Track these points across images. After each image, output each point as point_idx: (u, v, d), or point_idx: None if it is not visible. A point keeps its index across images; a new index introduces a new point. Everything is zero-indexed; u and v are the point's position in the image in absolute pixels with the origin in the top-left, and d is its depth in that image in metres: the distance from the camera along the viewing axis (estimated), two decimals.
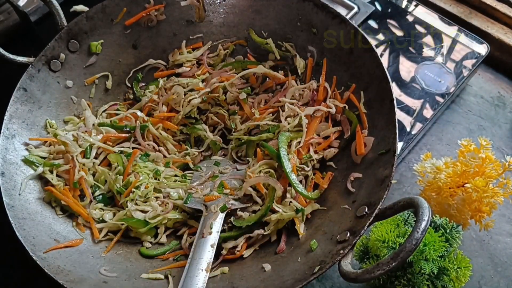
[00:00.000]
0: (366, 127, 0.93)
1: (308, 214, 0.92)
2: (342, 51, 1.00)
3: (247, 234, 0.92)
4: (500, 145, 1.20)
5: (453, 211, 0.96)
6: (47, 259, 0.83)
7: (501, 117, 1.25)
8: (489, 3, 1.32)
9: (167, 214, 0.94)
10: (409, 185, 1.14)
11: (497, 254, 1.05)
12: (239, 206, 0.94)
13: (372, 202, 0.81)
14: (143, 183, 0.95)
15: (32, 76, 0.99)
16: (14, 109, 0.96)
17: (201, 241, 0.88)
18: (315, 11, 1.02)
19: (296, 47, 1.08)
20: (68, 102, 1.05)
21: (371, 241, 0.89)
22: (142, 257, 0.93)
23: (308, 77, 1.06)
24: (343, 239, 0.79)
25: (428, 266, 0.83)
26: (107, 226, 0.94)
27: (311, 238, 0.86)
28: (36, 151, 0.97)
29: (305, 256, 0.83)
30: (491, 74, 1.32)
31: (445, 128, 1.23)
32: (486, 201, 0.92)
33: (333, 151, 0.97)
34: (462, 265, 0.86)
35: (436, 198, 0.98)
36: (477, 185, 0.90)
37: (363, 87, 0.96)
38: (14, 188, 0.89)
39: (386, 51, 1.28)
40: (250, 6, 1.07)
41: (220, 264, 0.91)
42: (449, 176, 0.95)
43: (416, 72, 1.23)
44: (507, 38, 1.29)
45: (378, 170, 0.85)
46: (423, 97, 1.18)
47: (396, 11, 1.34)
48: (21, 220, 0.86)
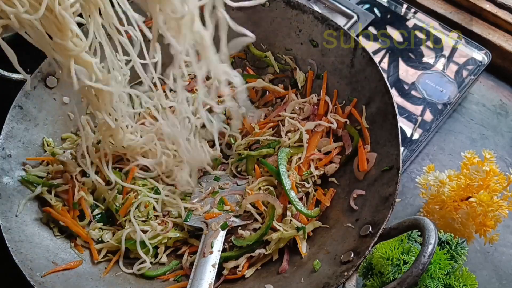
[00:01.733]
0: (368, 142, 0.91)
1: (310, 232, 0.91)
2: (343, 64, 0.99)
3: (248, 254, 0.90)
4: (503, 154, 1.18)
5: (457, 225, 0.94)
6: (45, 283, 0.81)
7: (504, 125, 1.23)
8: (490, 10, 1.31)
9: (167, 233, 0.92)
10: (412, 197, 1.13)
11: (502, 267, 1.04)
12: (240, 223, 0.93)
13: (376, 221, 0.79)
14: (142, 201, 0.93)
15: (28, 93, 0.98)
16: (9, 128, 0.94)
17: (202, 260, 0.87)
18: (315, 23, 1.01)
19: (296, 60, 1.07)
20: (65, 119, 1.04)
21: (375, 258, 0.87)
22: (142, 278, 0.91)
23: (308, 90, 1.05)
24: (347, 260, 0.78)
25: (434, 284, 0.82)
26: (106, 246, 0.92)
27: (314, 257, 0.85)
28: (34, 170, 0.95)
29: (308, 277, 0.81)
30: (492, 82, 1.31)
31: (447, 137, 1.22)
32: (491, 215, 0.91)
33: (334, 167, 0.95)
34: (468, 282, 0.84)
35: (439, 211, 0.97)
36: (482, 200, 0.89)
37: (365, 102, 0.94)
38: (10, 210, 0.88)
39: (386, 59, 1.27)
40: (248, 19, 1.05)
41: (221, 284, 0.89)
42: (453, 190, 0.93)
43: (417, 81, 1.21)
44: (508, 45, 1.27)
45: (382, 187, 0.84)
46: (425, 106, 1.17)
47: (396, 18, 1.33)
48: (18, 243, 0.84)
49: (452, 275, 0.85)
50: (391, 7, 1.36)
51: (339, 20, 1.26)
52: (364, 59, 0.95)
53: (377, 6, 1.36)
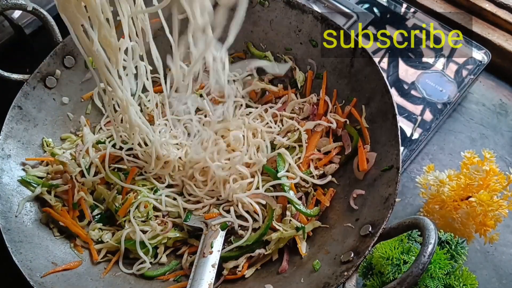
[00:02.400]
0: (368, 142, 0.91)
1: (310, 232, 0.90)
2: (342, 64, 0.99)
3: (248, 254, 0.90)
4: (502, 154, 1.18)
5: (457, 225, 0.94)
6: (45, 283, 0.81)
7: (503, 125, 1.23)
8: (489, 9, 1.31)
9: (166, 234, 0.92)
10: (412, 196, 1.12)
11: (502, 266, 1.04)
12: (239, 222, 0.93)
13: (376, 221, 0.79)
14: (142, 201, 0.93)
15: (27, 94, 0.97)
16: (9, 128, 0.94)
17: (202, 260, 0.87)
18: (315, 23, 1.01)
19: (295, 59, 1.07)
20: (64, 119, 1.03)
21: (375, 258, 0.87)
22: (141, 278, 0.91)
23: (308, 90, 1.05)
24: (347, 260, 0.78)
25: (434, 284, 0.82)
26: (106, 246, 0.92)
27: (314, 257, 0.85)
28: (33, 171, 0.95)
29: (308, 277, 0.81)
30: (492, 82, 1.31)
31: (447, 137, 1.21)
32: (491, 215, 0.91)
33: (333, 167, 0.95)
34: (468, 282, 0.84)
35: (439, 211, 0.97)
36: (482, 199, 0.89)
37: (365, 101, 0.94)
38: (10, 210, 0.87)
39: (385, 58, 1.27)
40: (248, 18, 1.05)
41: (221, 284, 0.89)
42: (452, 190, 0.93)
43: (417, 81, 1.21)
44: (508, 45, 1.27)
45: (382, 187, 0.83)
46: (425, 106, 1.17)
47: (395, 18, 1.33)
48: (18, 243, 0.84)
49: (452, 274, 0.84)
50: (391, 7, 1.35)
51: (339, 20, 1.26)
52: (363, 59, 0.95)
53: (377, 5, 1.36)
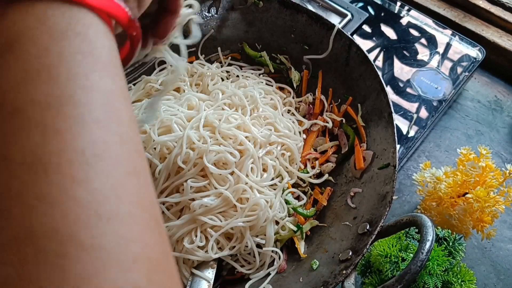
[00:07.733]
0: (364, 140, 0.92)
1: (308, 231, 0.91)
2: (337, 63, 0.99)
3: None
4: (498, 150, 1.19)
5: (455, 221, 0.95)
6: None
7: (499, 121, 1.24)
8: (483, 6, 1.31)
9: None
10: (409, 194, 1.13)
11: (500, 262, 1.05)
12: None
13: (373, 219, 0.79)
14: None
15: None
16: None
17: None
18: (309, 22, 1.01)
19: (291, 59, 1.07)
20: None
21: (373, 256, 0.87)
22: None
23: (303, 90, 1.05)
24: (345, 258, 0.78)
25: (432, 281, 0.82)
26: None
27: (313, 256, 0.85)
28: None
29: (307, 276, 0.81)
30: (487, 78, 1.31)
31: (443, 134, 1.22)
32: (488, 211, 0.91)
33: (330, 166, 0.95)
34: (466, 278, 0.85)
35: (436, 208, 0.97)
36: (478, 196, 0.89)
37: (361, 100, 0.94)
38: None
39: (380, 56, 1.27)
40: (243, 19, 1.05)
41: (221, 284, 0.89)
42: (449, 186, 0.93)
43: (412, 79, 1.22)
44: (502, 41, 1.28)
45: (379, 185, 0.84)
46: (420, 104, 1.17)
47: (389, 16, 1.33)
48: None
49: (450, 271, 0.85)
50: (385, 5, 1.36)
51: (333, 19, 1.26)
52: (358, 58, 0.95)
53: (371, 4, 1.36)
